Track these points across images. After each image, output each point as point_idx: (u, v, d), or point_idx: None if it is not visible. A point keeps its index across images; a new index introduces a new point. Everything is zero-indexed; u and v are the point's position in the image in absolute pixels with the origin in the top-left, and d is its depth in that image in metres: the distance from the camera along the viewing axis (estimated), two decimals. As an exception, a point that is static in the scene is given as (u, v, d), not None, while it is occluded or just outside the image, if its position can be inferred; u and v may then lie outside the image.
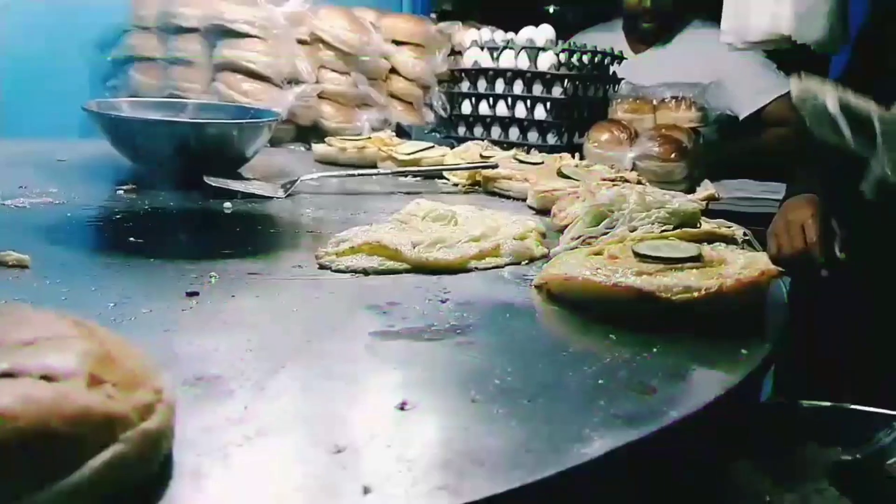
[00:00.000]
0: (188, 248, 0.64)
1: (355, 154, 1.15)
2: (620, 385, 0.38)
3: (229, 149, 0.97)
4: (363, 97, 1.57)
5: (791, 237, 1.11)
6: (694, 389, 0.37)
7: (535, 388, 0.37)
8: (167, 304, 0.48)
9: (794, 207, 1.14)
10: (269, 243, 0.68)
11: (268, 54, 1.39)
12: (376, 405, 0.35)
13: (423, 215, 0.77)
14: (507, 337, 0.46)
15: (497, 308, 0.52)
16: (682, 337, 0.46)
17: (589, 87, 1.55)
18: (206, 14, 1.38)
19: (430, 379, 0.38)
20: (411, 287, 0.56)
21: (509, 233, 0.70)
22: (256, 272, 0.58)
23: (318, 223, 0.80)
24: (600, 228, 0.63)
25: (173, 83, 1.42)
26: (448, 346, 0.43)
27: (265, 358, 0.40)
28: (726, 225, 0.65)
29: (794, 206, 1.14)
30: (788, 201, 1.16)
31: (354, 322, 0.47)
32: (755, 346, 0.44)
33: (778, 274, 0.49)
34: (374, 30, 1.55)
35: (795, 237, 1.11)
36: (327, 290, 0.54)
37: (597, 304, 0.50)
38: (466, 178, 1.03)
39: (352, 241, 0.64)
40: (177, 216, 0.78)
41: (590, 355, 0.43)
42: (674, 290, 0.47)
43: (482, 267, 0.63)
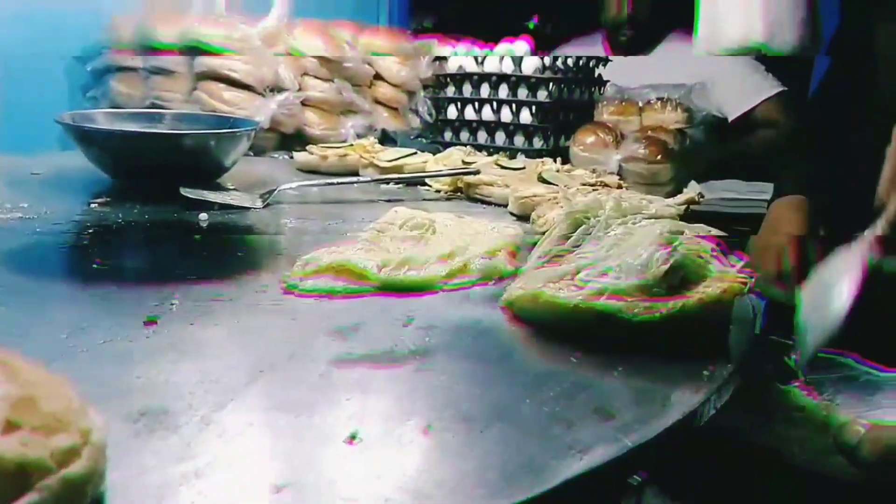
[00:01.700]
0: (154, 268, 0.63)
1: (337, 162, 1.14)
2: (579, 411, 0.37)
3: (207, 159, 0.96)
4: (347, 104, 1.56)
5: (768, 261, 1.10)
6: (653, 414, 0.37)
7: (491, 416, 0.37)
8: (124, 332, 0.47)
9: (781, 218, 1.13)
10: (238, 261, 0.67)
11: (249, 62, 1.38)
12: (324, 439, 0.34)
13: (400, 224, 0.76)
14: (468, 360, 0.45)
15: (461, 330, 0.51)
16: (647, 357, 0.45)
17: (574, 90, 1.54)
18: (181, 33, 1.37)
19: (383, 409, 0.38)
20: (377, 309, 0.55)
21: (479, 250, 0.70)
22: (219, 297, 0.57)
23: (295, 234, 0.80)
24: (576, 238, 0.62)
25: (154, 93, 1.41)
26: (407, 372, 0.42)
27: (216, 390, 0.39)
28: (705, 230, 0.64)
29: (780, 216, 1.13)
30: (776, 203, 1.15)
31: (313, 349, 0.46)
32: (719, 366, 0.43)
33: (742, 291, 0.48)
34: (350, 48, 1.53)
35: (771, 262, 1.11)
36: (289, 315, 0.53)
37: (561, 324, 0.50)
38: (448, 184, 1.03)
39: (318, 262, 0.63)
40: (149, 230, 0.77)
41: (551, 378, 0.42)
42: (635, 310, 0.46)
43: (450, 286, 0.62)
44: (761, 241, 1.14)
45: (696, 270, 0.51)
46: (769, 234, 1.13)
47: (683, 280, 0.50)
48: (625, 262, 0.50)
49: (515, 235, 0.72)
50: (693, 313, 0.46)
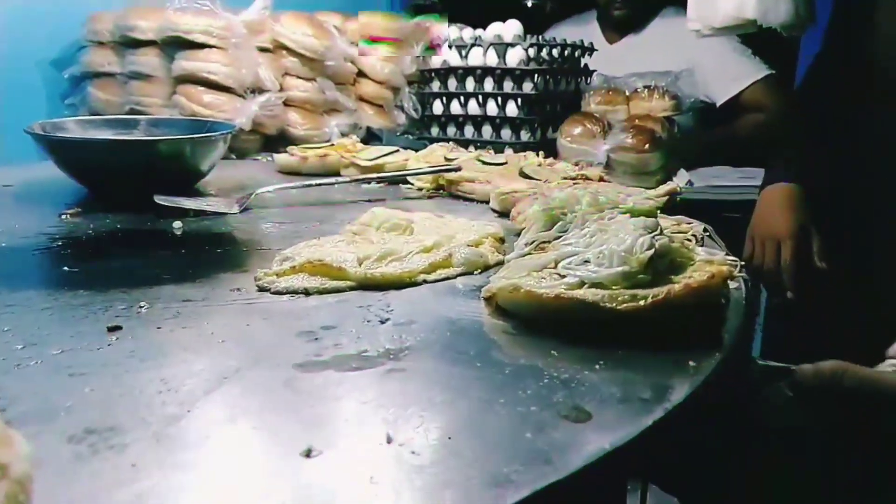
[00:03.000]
0: (124, 275, 0.61)
1: (317, 162, 1.11)
2: (553, 412, 0.35)
3: (182, 165, 0.94)
4: (331, 103, 1.54)
5: (766, 252, 1.08)
6: (633, 412, 0.34)
7: (461, 420, 0.35)
8: (84, 342, 0.45)
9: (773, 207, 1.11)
10: (211, 265, 0.65)
11: (228, 64, 1.35)
12: (280, 453, 0.32)
13: (377, 225, 0.74)
14: (443, 359, 0.43)
15: (440, 325, 0.49)
16: (630, 349, 0.43)
17: (560, 80, 1.52)
18: (161, 26, 1.34)
19: (347, 416, 0.35)
20: (353, 307, 0.53)
21: (463, 240, 0.68)
22: (190, 299, 0.55)
23: (271, 239, 0.77)
24: (553, 232, 0.60)
25: (133, 98, 1.39)
26: (376, 376, 0.40)
27: (173, 401, 0.37)
28: (686, 221, 0.62)
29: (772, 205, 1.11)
30: (767, 190, 1.13)
31: (281, 352, 0.43)
32: (705, 357, 0.41)
33: (731, 275, 0.46)
34: (338, 34, 1.51)
35: (769, 254, 1.09)
36: (261, 317, 0.51)
37: (543, 316, 0.48)
38: (430, 182, 1.00)
39: (294, 260, 0.61)
40: (121, 240, 0.75)
41: (529, 375, 0.40)
42: (619, 299, 0.44)
43: (432, 279, 0.60)
44: (754, 231, 1.12)
45: (682, 256, 0.49)
46: (762, 225, 1.11)
47: (669, 266, 0.48)
48: (609, 248, 0.48)
49: (495, 233, 0.70)
50: (679, 301, 0.44)
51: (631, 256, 0.46)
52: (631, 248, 0.46)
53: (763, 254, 1.09)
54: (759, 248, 1.10)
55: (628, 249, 0.46)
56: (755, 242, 1.12)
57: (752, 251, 1.12)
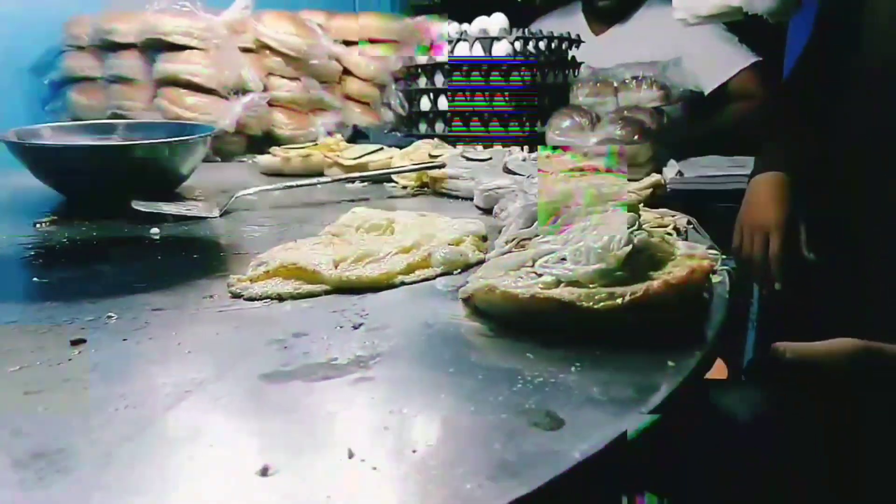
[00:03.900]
0: (95, 285, 0.59)
1: (300, 163, 1.10)
2: (525, 419, 0.33)
3: (161, 169, 0.92)
4: (316, 102, 1.52)
5: (754, 243, 1.08)
6: (605, 419, 0.33)
7: (427, 432, 0.33)
8: (45, 357, 0.43)
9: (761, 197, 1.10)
10: (187, 271, 0.63)
11: (210, 66, 1.33)
12: (235, 472, 0.30)
13: (357, 226, 0.73)
14: (415, 365, 0.41)
15: (414, 329, 0.47)
16: (609, 349, 0.41)
17: (548, 73, 1.50)
18: (140, 28, 1.32)
19: (309, 431, 0.34)
20: (326, 312, 0.52)
21: (444, 240, 0.66)
22: (161, 308, 0.53)
23: (250, 242, 0.75)
24: (533, 229, 0.58)
25: (115, 102, 1.37)
26: (344, 386, 0.38)
27: (130, 418, 0.35)
28: (670, 214, 0.60)
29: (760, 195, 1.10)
30: (755, 180, 1.12)
31: (247, 363, 0.42)
32: (684, 356, 0.40)
33: (712, 270, 0.44)
34: (322, 32, 1.50)
35: (758, 245, 1.08)
36: (232, 325, 0.50)
37: (520, 316, 0.46)
38: (415, 180, 0.99)
39: (269, 264, 0.59)
40: (96, 248, 0.73)
41: (502, 380, 0.38)
42: (596, 298, 0.43)
43: (411, 281, 0.59)
44: (743, 221, 1.11)
45: (662, 251, 0.47)
46: (750, 215, 1.10)
47: (649, 262, 0.46)
48: (585, 245, 0.46)
49: (477, 231, 0.69)
50: (658, 298, 0.42)
51: (608, 253, 0.44)
52: (608, 245, 0.45)
53: (752, 245, 1.08)
54: (748, 239, 1.09)
55: (605, 246, 0.45)
56: (744, 233, 1.11)
57: (741, 242, 1.11)
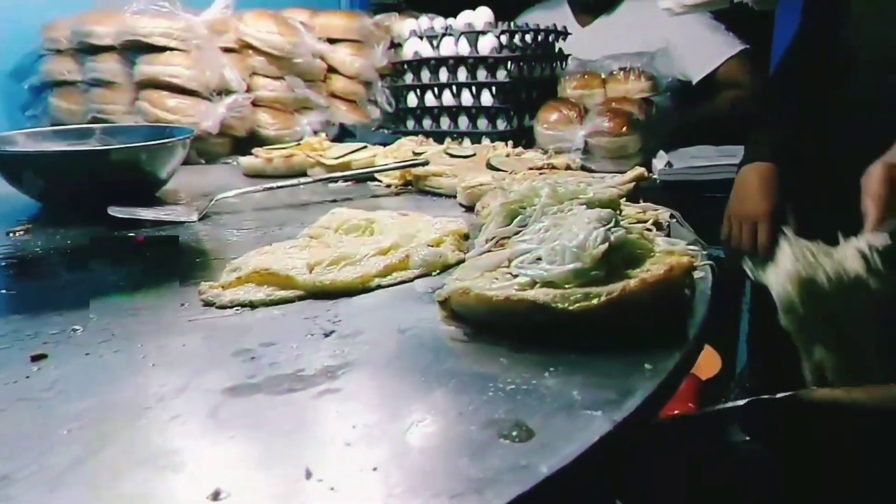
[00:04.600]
0: (64, 295, 0.58)
1: (283, 164, 1.08)
2: (493, 431, 0.32)
3: (138, 174, 0.90)
4: (301, 101, 1.50)
5: (743, 234, 1.08)
6: (576, 429, 0.32)
7: (391, 447, 0.32)
8: (2, 375, 0.42)
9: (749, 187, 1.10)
10: (160, 279, 0.62)
11: (191, 67, 1.31)
12: (186, 497, 0.29)
13: (335, 227, 0.71)
14: (385, 375, 0.40)
15: (388, 335, 0.46)
16: (585, 352, 0.40)
17: (535, 67, 1.48)
18: (119, 30, 1.30)
19: (267, 448, 0.32)
20: (299, 319, 0.50)
21: (424, 240, 0.65)
22: (129, 318, 0.52)
23: (229, 247, 0.74)
24: (512, 228, 0.57)
25: (95, 106, 1.35)
26: (308, 399, 0.37)
27: (82, 440, 0.34)
28: (652, 208, 0.59)
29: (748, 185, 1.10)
30: (744, 170, 1.11)
31: (212, 376, 0.40)
32: (662, 358, 0.38)
33: (692, 266, 0.43)
34: (304, 30, 1.47)
35: (746, 235, 1.08)
36: (201, 335, 0.48)
37: (495, 319, 0.45)
38: (398, 178, 0.97)
39: (241, 270, 0.58)
40: (69, 257, 0.72)
41: (473, 388, 0.37)
42: (571, 298, 0.41)
43: (387, 284, 0.57)
44: (731, 211, 1.11)
45: (640, 248, 0.46)
46: (739, 205, 1.11)
47: (627, 259, 0.45)
48: (561, 244, 0.45)
49: (458, 230, 0.67)
50: (635, 297, 0.41)
51: (584, 252, 0.43)
52: (584, 244, 0.43)
53: (740, 234, 1.08)
54: (737, 230, 1.09)
55: (581, 245, 0.43)
56: (732, 223, 1.11)
57: (730, 231, 1.11)
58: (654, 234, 0.48)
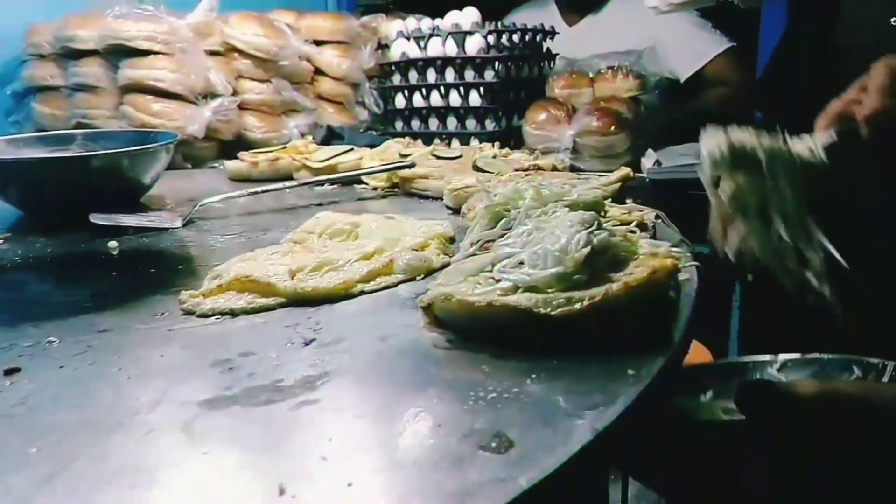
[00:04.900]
0: (41, 306, 0.57)
1: (268, 167, 1.07)
2: (473, 442, 0.31)
3: (121, 180, 0.89)
4: (289, 103, 1.49)
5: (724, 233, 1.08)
6: (557, 438, 0.31)
7: (368, 461, 0.31)
8: (-28, 389, 0.41)
9: None
10: (141, 287, 0.61)
11: (176, 70, 1.30)
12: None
13: (320, 232, 0.70)
14: (364, 385, 0.39)
15: (369, 343, 0.45)
16: (567, 358, 0.39)
17: (522, 66, 1.48)
18: (102, 34, 1.29)
19: (240, 465, 0.32)
20: (279, 327, 0.49)
21: (409, 244, 0.64)
22: (107, 329, 0.51)
23: (212, 254, 0.73)
24: (497, 230, 0.56)
25: (79, 111, 1.33)
26: (285, 411, 0.36)
27: (49, 460, 0.33)
28: (637, 209, 0.58)
29: None
30: None
31: (188, 388, 0.40)
32: (646, 363, 0.38)
33: (675, 269, 0.42)
34: (291, 32, 1.46)
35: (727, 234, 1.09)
36: (180, 345, 0.47)
37: (478, 325, 0.44)
38: (385, 180, 0.96)
39: (222, 278, 0.57)
40: (49, 266, 0.70)
41: (453, 397, 0.36)
42: (554, 303, 0.40)
43: (371, 289, 0.56)
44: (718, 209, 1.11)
45: (624, 250, 0.45)
46: None
47: (610, 262, 0.44)
48: (543, 248, 0.44)
49: (444, 233, 0.67)
50: (618, 301, 0.40)
51: (566, 256, 0.42)
52: (566, 247, 0.42)
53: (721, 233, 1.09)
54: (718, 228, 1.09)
55: (563, 248, 0.42)
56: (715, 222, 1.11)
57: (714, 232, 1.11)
58: (637, 235, 0.47)
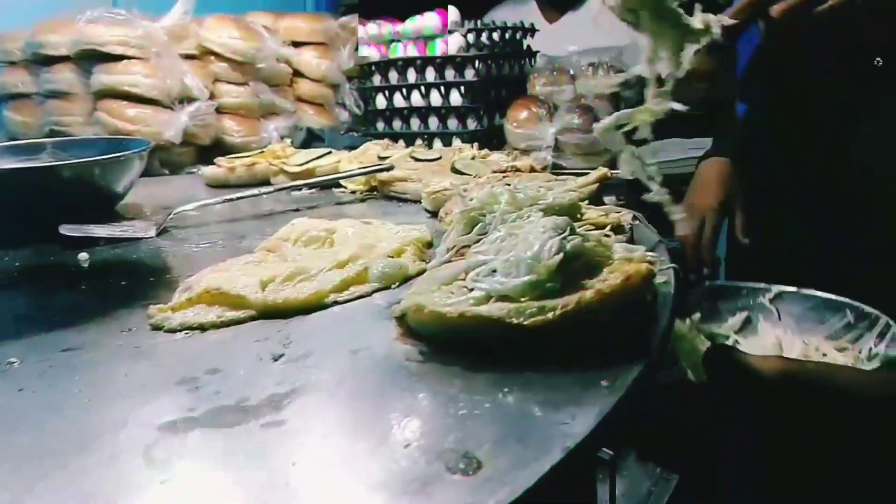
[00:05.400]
0: (3, 324, 0.55)
1: (245, 173, 1.05)
2: (440, 464, 0.30)
3: (92, 189, 0.87)
4: (267, 106, 1.47)
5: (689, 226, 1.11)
6: (527, 457, 0.30)
7: (331, 488, 0.30)
8: (-75, 417, 0.39)
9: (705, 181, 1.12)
10: (110, 301, 0.59)
11: (150, 75, 1.28)
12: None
13: (294, 239, 0.69)
14: (331, 402, 0.38)
15: (340, 358, 0.44)
16: (541, 369, 0.38)
17: (503, 65, 1.47)
18: (74, 39, 1.26)
19: (198, 495, 0.30)
20: (249, 342, 0.48)
21: (384, 250, 0.63)
22: (71, 347, 0.49)
23: (185, 264, 0.71)
24: (473, 236, 0.55)
25: (52, 118, 1.31)
26: (249, 433, 0.35)
27: (4, 487, 0.31)
28: (615, 210, 0.57)
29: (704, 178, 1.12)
30: (703, 164, 1.13)
31: (150, 410, 0.38)
32: (621, 373, 0.37)
33: (650, 273, 0.42)
34: (268, 34, 1.44)
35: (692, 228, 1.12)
36: (145, 363, 0.46)
37: (451, 336, 0.43)
38: (363, 183, 0.95)
39: (193, 290, 0.55)
40: (15, 280, 0.69)
41: (422, 415, 0.35)
42: (526, 313, 0.39)
43: (344, 300, 0.55)
44: (685, 203, 1.13)
45: (598, 255, 0.44)
46: (691, 198, 1.13)
47: (585, 268, 0.43)
48: (516, 255, 0.43)
49: (421, 237, 0.65)
50: (591, 309, 0.39)
51: (538, 263, 0.41)
52: (538, 254, 0.41)
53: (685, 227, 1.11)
54: (686, 222, 1.11)
55: (535, 256, 0.41)
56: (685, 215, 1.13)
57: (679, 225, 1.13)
58: (612, 239, 0.46)
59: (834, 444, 0.67)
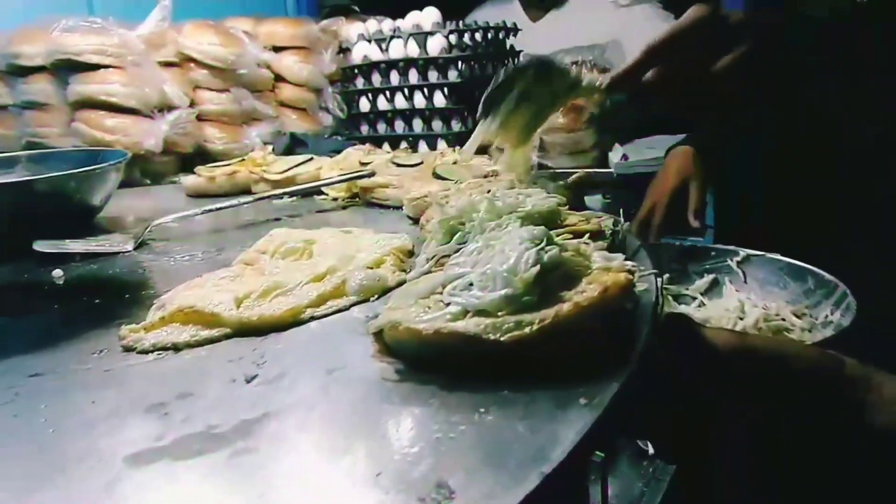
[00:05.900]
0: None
1: (226, 182, 1.04)
2: (411, 495, 0.29)
3: (67, 203, 0.86)
4: (249, 112, 1.45)
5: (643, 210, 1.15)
6: (502, 483, 0.29)
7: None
8: None
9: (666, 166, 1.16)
10: (83, 321, 0.58)
11: (128, 84, 1.26)
12: None
13: (272, 251, 0.68)
14: (302, 427, 0.37)
15: (314, 378, 0.43)
16: (519, 387, 0.37)
17: (486, 65, 1.45)
18: (49, 49, 1.24)
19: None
20: (223, 362, 0.47)
21: (364, 261, 0.61)
22: (39, 372, 0.48)
23: (163, 279, 0.70)
24: (452, 245, 0.54)
25: (29, 130, 1.29)
26: (216, 464, 0.34)
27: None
28: (595, 216, 0.56)
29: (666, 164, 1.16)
30: (670, 151, 1.16)
31: (116, 440, 0.37)
32: (599, 389, 0.36)
33: (629, 284, 0.41)
34: (248, 39, 1.43)
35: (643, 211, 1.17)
36: (114, 388, 0.44)
37: (429, 353, 0.42)
38: (345, 190, 0.94)
39: (166, 308, 0.54)
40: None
41: (394, 441, 0.34)
42: (503, 328, 0.38)
43: (321, 314, 0.54)
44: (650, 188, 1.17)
45: (576, 265, 0.43)
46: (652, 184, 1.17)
47: (563, 279, 0.42)
48: (492, 268, 0.42)
49: (402, 246, 0.64)
50: (569, 323, 0.38)
51: (514, 277, 0.40)
52: (515, 267, 0.40)
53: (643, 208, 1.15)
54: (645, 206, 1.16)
55: (511, 269, 0.40)
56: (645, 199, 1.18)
57: None
58: (592, 247, 0.45)
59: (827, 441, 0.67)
